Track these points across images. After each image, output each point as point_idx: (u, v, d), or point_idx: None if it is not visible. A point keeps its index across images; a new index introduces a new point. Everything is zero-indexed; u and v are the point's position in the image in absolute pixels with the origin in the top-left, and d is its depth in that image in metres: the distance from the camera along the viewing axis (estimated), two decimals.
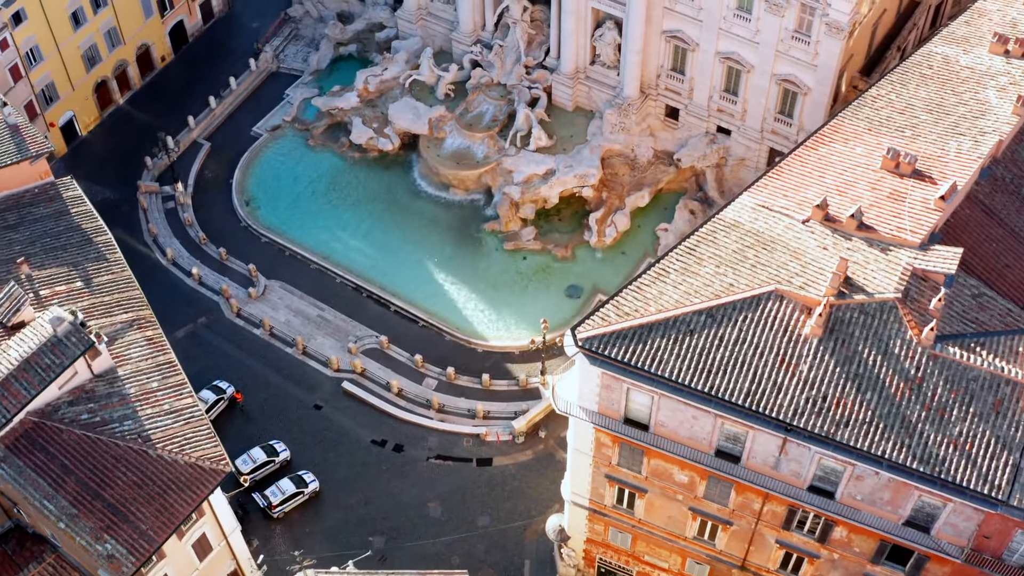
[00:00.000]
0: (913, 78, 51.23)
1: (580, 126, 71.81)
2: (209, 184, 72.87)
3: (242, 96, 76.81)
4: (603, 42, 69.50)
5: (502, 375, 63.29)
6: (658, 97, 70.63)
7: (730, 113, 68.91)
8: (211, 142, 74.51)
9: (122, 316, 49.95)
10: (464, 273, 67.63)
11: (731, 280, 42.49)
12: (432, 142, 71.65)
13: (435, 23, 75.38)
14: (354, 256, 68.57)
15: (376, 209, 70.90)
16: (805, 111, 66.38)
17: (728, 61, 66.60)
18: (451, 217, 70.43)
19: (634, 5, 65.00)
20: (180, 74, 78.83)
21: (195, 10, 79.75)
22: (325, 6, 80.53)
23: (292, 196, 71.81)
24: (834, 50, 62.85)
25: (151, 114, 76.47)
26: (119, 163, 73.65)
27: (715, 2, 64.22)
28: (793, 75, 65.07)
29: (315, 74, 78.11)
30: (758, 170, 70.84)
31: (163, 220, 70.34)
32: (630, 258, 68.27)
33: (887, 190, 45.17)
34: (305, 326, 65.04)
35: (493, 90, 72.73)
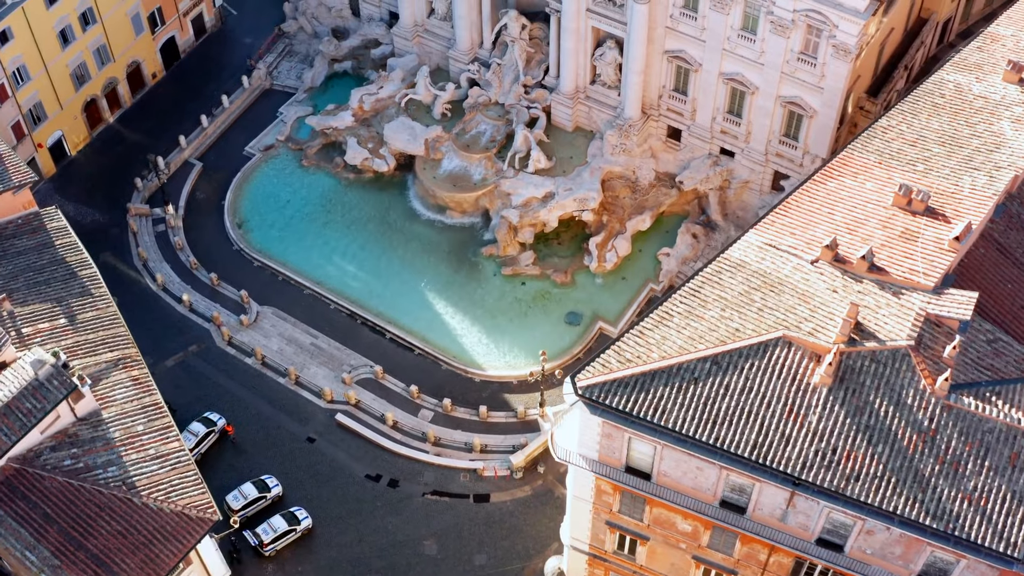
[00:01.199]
0: (924, 108, 49.57)
1: (580, 147, 70.23)
2: (201, 206, 71.26)
3: (235, 114, 75.08)
4: (603, 62, 67.88)
5: (500, 406, 61.74)
6: (660, 118, 69.00)
7: (734, 135, 67.36)
8: (203, 162, 72.86)
9: (107, 355, 48.38)
10: (461, 299, 66.09)
11: (737, 325, 40.95)
12: (428, 163, 70.06)
13: (432, 40, 73.77)
14: (349, 281, 67.01)
15: (371, 232, 69.32)
16: (811, 134, 64.85)
17: (732, 82, 65.02)
18: (448, 241, 68.84)
19: (635, 25, 63.43)
20: (171, 91, 77.08)
21: (187, 26, 78.11)
22: (319, 22, 78.86)
23: (285, 218, 70.24)
24: (841, 73, 61.26)
25: (142, 133, 74.78)
26: (109, 184, 72.10)
27: (719, 22, 62.64)
28: (799, 97, 63.49)
29: (309, 91, 76.42)
30: (762, 193, 69.49)
31: (153, 244, 68.76)
32: (631, 284, 66.73)
33: (899, 229, 43.55)
34: (298, 355, 63.51)
35: (491, 110, 71.08)
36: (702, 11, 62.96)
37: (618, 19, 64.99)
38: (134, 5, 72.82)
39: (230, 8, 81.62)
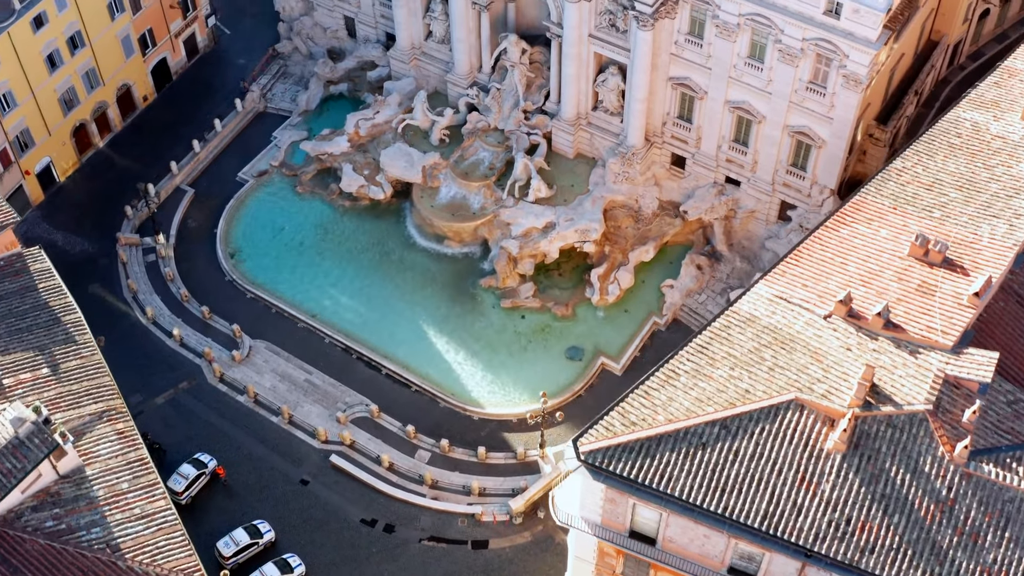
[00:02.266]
0: (941, 148, 47.78)
1: (582, 174, 68.39)
2: (192, 234, 69.38)
3: (227, 139, 73.17)
4: (606, 88, 65.96)
5: (499, 446, 59.97)
6: (663, 145, 67.15)
7: (740, 164, 65.52)
8: (195, 188, 71.03)
9: (91, 407, 46.54)
10: (459, 333, 64.31)
11: (747, 385, 39.26)
12: (426, 191, 68.25)
13: (429, 63, 71.83)
14: (344, 313, 65.26)
15: (367, 262, 67.37)
16: (819, 164, 62.96)
17: (738, 110, 63.18)
18: (446, 271, 66.97)
19: (639, 52, 61.54)
20: (163, 114, 75.15)
21: (179, 47, 76.20)
22: (315, 42, 76.90)
23: (279, 247, 68.30)
24: (851, 103, 59.38)
25: (132, 158, 72.90)
26: (98, 212, 70.21)
27: (725, 50, 60.77)
28: (807, 127, 61.60)
29: (304, 115, 74.39)
30: (769, 223, 67.68)
31: (143, 275, 66.92)
32: (634, 317, 64.88)
33: (916, 281, 41.80)
34: (291, 392, 61.74)
35: (490, 136, 69.22)
36: (708, 38, 61.14)
37: (621, 45, 63.18)
38: (124, 27, 70.94)
39: (223, 28, 79.70)
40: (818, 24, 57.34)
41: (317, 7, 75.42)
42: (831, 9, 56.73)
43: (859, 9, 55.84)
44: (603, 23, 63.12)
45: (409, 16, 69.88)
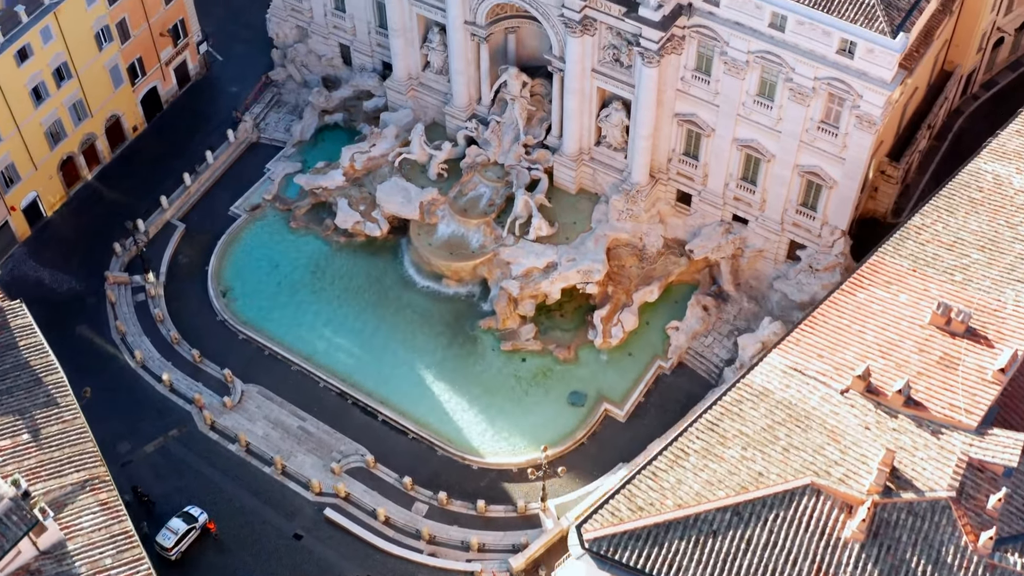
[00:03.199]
0: (961, 204, 45.84)
1: (584, 210, 66.29)
2: (183, 271, 67.22)
3: (219, 171, 70.99)
4: (609, 123, 63.79)
5: (499, 498, 57.99)
6: (669, 182, 65.12)
7: (748, 202, 63.40)
8: (186, 223, 68.85)
9: (73, 475, 44.54)
10: (458, 377, 62.26)
11: (760, 467, 37.41)
12: (423, 229, 66.17)
13: (427, 94, 69.61)
14: (338, 356, 63.23)
15: (363, 302, 65.32)
16: (830, 205, 60.84)
17: (747, 149, 61.09)
18: (444, 311, 64.93)
19: (644, 88, 59.39)
20: (153, 145, 72.93)
21: (169, 75, 73.99)
22: (309, 70, 74.69)
23: (272, 286, 66.22)
24: (864, 144, 57.36)
25: (122, 191, 70.71)
26: (87, 247, 67.92)
27: (733, 87, 58.68)
28: (818, 167, 59.56)
29: (298, 145, 72.18)
30: (777, 263, 65.61)
31: (132, 315, 64.90)
32: (638, 360, 62.85)
33: (937, 353, 39.90)
34: (285, 441, 59.72)
35: (490, 170, 67.14)
36: (715, 75, 59.07)
37: (625, 81, 61.04)
38: (113, 57, 68.75)
39: (216, 54, 77.46)
40: (831, 63, 55.32)
41: (312, 34, 73.17)
42: (844, 48, 54.70)
43: (874, 49, 53.83)
44: (607, 58, 61.07)
45: (406, 46, 67.81)
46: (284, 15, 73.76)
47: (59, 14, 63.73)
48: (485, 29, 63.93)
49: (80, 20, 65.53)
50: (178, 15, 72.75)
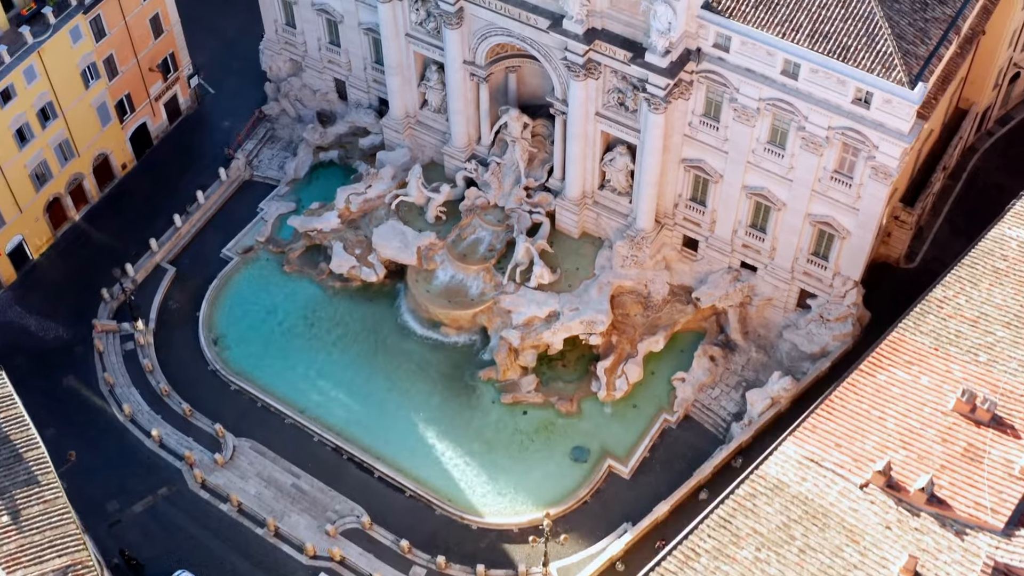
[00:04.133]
0: (985, 274, 43.74)
1: (587, 255, 64.12)
2: (173, 318, 65.18)
3: (211, 211, 68.74)
4: (613, 167, 61.61)
5: (500, 561, 55.86)
6: (675, 227, 63.04)
7: (757, 250, 61.22)
8: (176, 267, 66.61)
9: (54, 560, 42.50)
10: (457, 430, 60.26)
11: (776, 570, 35.40)
12: (421, 275, 63.94)
13: (425, 133, 67.34)
14: (333, 408, 61.17)
15: (359, 351, 63.23)
16: (843, 255, 58.71)
17: (756, 196, 58.92)
18: (442, 361, 62.80)
19: (650, 134, 57.15)
20: (143, 183, 70.70)
21: (159, 111, 71.68)
22: (303, 105, 72.27)
23: (265, 333, 64.16)
24: (880, 195, 55.23)
25: (110, 232, 68.55)
26: (74, 292, 65.79)
27: (743, 134, 56.54)
28: (831, 217, 57.42)
29: (292, 184, 69.90)
30: (787, 311, 63.50)
31: (121, 366, 62.74)
32: (643, 413, 60.72)
33: (961, 444, 37.95)
34: (278, 500, 57.70)
35: (489, 214, 64.95)
36: (724, 121, 56.87)
37: (630, 125, 58.84)
38: (100, 94, 66.51)
39: (207, 86, 75.20)
40: (846, 113, 53.24)
41: (306, 68, 70.87)
42: (860, 98, 52.67)
43: (891, 100, 51.54)
44: (611, 101, 58.90)
45: (403, 84, 65.54)
46: (277, 48, 71.50)
47: (43, 53, 61.56)
48: (485, 69, 61.75)
49: (65, 58, 63.34)
50: (168, 48, 70.62)
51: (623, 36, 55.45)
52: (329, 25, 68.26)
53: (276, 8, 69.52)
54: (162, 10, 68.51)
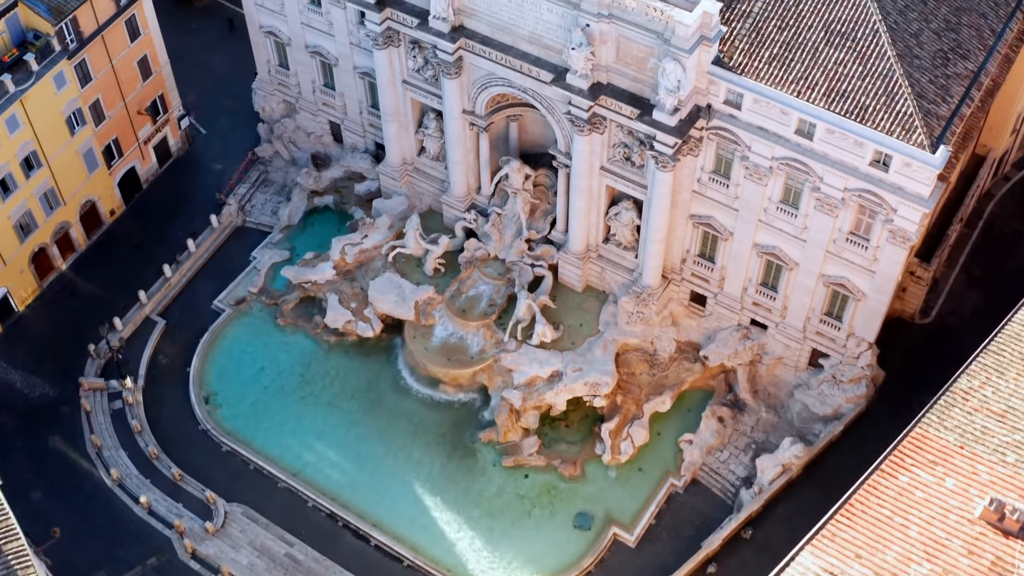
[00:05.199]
0: (1013, 362, 41.07)
1: (591, 310, 61.82)
2: (163, 373, 62.92)
3: (202, 259, 66.44)
4: (619, 222, 59.30)
5: None
6: (682, 283, 60.89)
7: (767, 308, 58.95)
8: (166, 319, 64.45)
9: None
10: (456, 495, 58.11)
11: None
12: (419, 331, 61.73)
13: (423, 181, 64.99)
14: (329, 472, 59.03)
15: (355, 410, 61.04)
16: (857, 316, 56.40)
17: (767, 255, 56.66)
18: (441, 421, 60.64)
19: (657, 192, 54.82)
20: (131, 230, 68.45)
21: (148, 154, 69.28)
22: (297, 147, 69.89)
23: (258, 390, 61.89)
24: (897, 259, 52.91)
25: (98, 282, 66.24)
26: (61, 345, 63.60)
27: (755, 193, 54.12)
28: (845, 278, 55.11)
29: (286, 231, 67.60)
30: (798, 370, 61.41)
31: (109, 426, 60.54)
32: (648, 477, 58.62)
33: (989, 557, 35.64)
34: (271, 571, 55.40)
35: (490, 266, 62.68)
36: (735, 179, 54.56)
37: (637, 181, 56.54)
38: (86, 140, 64.17)
39: (199, 127, 72.83)
40: (863, 175, 50.96)
41: (300, 110, 68.57)
42: (879, 160, 50.47)
43: (911, 163, 49.26)
44: (616, 156, 56.58)
45: (400, 131, 63.15)
46: (270, 89, 69.14)
47: (26, 101, 59.29)
48: (485, 119, 59.35)
49: (49, 106, 61.07)
50: (157, 91, 68.26)
51: (630, 92, 53.08)
52: (323, 67, 65.91)
53: (269, 49, 67.28)
54: (150, 51, 66.23)
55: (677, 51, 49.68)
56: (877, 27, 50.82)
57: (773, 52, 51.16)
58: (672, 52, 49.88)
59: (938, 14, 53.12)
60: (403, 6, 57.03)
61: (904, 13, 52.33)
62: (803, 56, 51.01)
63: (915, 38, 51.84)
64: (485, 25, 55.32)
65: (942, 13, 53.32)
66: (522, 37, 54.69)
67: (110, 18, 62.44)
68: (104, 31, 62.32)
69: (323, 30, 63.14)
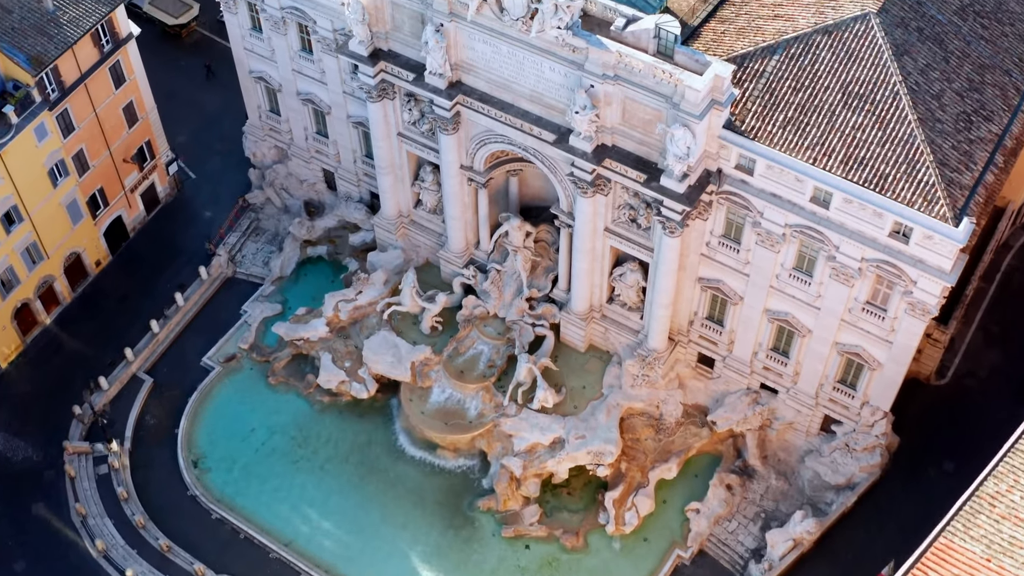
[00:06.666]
0: None
1: (594, 372, 59.43)
2: (151, 434, 60.58)
3: (191, 313, 64.04)
4: (623, 283, 56.84)
5: None
6: (689, 344, 58.69)
7: (778, 373, 56.67)
8: (153, 376, 62.05)
9: None
10: (454, 567, 55.74)
11: None
12: (416, 393, 59.25)
13: (419, 234, 62.37)
14: (322, 541, 56.68)
15: (349, 475, 58.77)
16: (873, 385, 54.01)
17: (779, 321, 54.35)
18: (438, 488, 58.35)
19: (665, 256, 52.28)
20: (118, 281, 65.90)
21: (135, 202, 66.74)
22: (290, 194, 67.28)
23: (249, 453, 59.61)
24: (916, 330, 50.45)
25: (83, 338, 63.79)
26: (45, 405, 61.19)
27: (767, 258, 51.70)
28: (861, 347, 52.61)
29: (278, 282, 65.04)
30: (809, 436, 59.14)
31: (94, 492, 58.20)
32: (654, 547, 56.25)
33: None
34: None
35: (489, 325, 60.20)
36: (746, 244, 52.10)
37: (643, 243, 54.01)
38: (70, 192, 61.64)
39: (188, 170, 70.18)
40: (881, 246, 48.55)
41: (292, 156, 66.05)
42: (899, 231, 47.88)
43: (933, 236, 46.78)
44: (621, 217, 54.06)
45: (395, 183, 60.61)
46: (261, 135, 66.49)
47: (5, 156, 56.73)
48: (484, 175, 56.92)
49: (30, 158, 58.54)
50: (144, 137, 65.62)
51: (636, 155, 50.49)
52: (316, 115, 63.37)
53: (259, 94, 64.68)
54: (136, 97, 63.61)
55: (687, 116, 47.13)
56: (897, 88, 48.34)
57: (788, 115, 48.67)
58: (681, 117, 47.33)
59: (961, 72, 50.69)
60: (398, 60, 54.48)
61: (925, 72, 49.90)
62: (819, 120, 48.46)
63: (937, 100, 49.34)
64: (484, 82, 52.81)
65: (965, 71, 50.88)
66: (523, 95, 52.15)
67: (93, 65, 59.87)
68: (87, 79, 59.66)
69: (315, 78, 60.56)
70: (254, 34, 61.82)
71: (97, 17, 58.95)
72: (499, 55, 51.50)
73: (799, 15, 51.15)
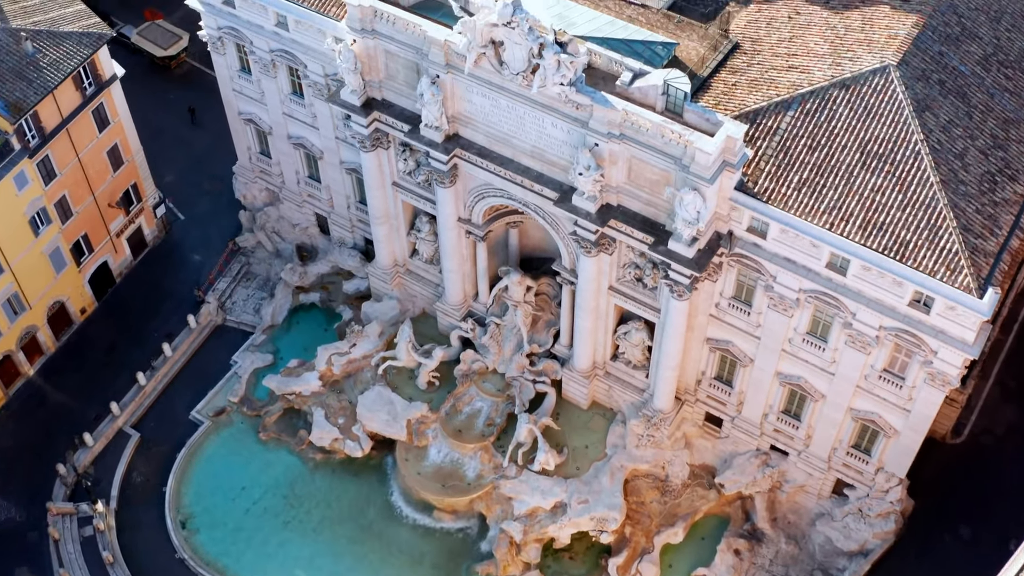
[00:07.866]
0: None
1: (597, 430, 57.06)
2: (138, 493, 58.29)
3: (179, 363, 61.66)
4: (628, 342, 54.47)
5: None
6: (697, 403, 56.38)
7: (789, 436, 54.46)
8: (140, 431, 59.69)
9: None
10: None
11: None
12: (412, 453, 56.93)
13: (416, 284, 60.00)
14: None
15: (343, 537, 56.44)
16: (888, 451, 51.82)
17: (791, 385, 52.09)
18: (435, 551, 56.05)
19: (672, 319, 49.75)
20: (104, 330, 63.58)
21: (122, 246, 64.25)
22: (282, 238, 64.86)
23: (239, 514, 57.32)
24: (934, 400, 48.12)
25: (68, 391, 61.40)
26: (28, 463, 58.90)
27: (778, 322, 49.48)
28: (876, 414, 50.37)
29: (269, 330, 62.71)
30: (820, 498, 56.93)
31: (79, 556, 55.82)
32: None
33: None
34: None
35: (488, 381, 57.82)
36: (758, 307, 49.78)
37: (649, 303, 51.58)
38: (52, 240, 59.22)
39: (176, 212, 67.70)
40: (901, 316, 46.16)
41: (283, 200, 63.71)
42: (919, 300, 45.56)
43: (956, 307, 44.26)
44: (627, 276, 51.63)
45: (390, 233, 58.12)
46: (252, 176, 64.01)
47: None
48: (482, 228, 54.55)
49: (10, 207, 56.17)
50: (130, 180, 63.20)
51: (643, 215, 48.07)
52: (308, 159, 60.89)
53: (249, 136, 62.18)
54: (121, 140, 61.10)
55: (697, 180, 44.70)
56: (919, 148, 45.87)
57: (803, 176, 46.21)
58: (691, 180, 44.89)
59: (984, 128, 48.09)
60: (392, 110, 51.95)
61: (948, 129, 47.32)
62: (836, 181, 45.95)
63: (960, 159, 46.83)
64: (483, 135, 50.27)
65: (988, 127, 48.25)
66: (523, 151, 49.66)
67: (75, 109, 57.37)
68: (69, 123, 57.13)
69: (307, 122, 58.06)
70: (243, 75, 59.32)
71: (79, 60, 56.39)
72: (498, 109, 49.00)
73: (814, 66, 48.65)
